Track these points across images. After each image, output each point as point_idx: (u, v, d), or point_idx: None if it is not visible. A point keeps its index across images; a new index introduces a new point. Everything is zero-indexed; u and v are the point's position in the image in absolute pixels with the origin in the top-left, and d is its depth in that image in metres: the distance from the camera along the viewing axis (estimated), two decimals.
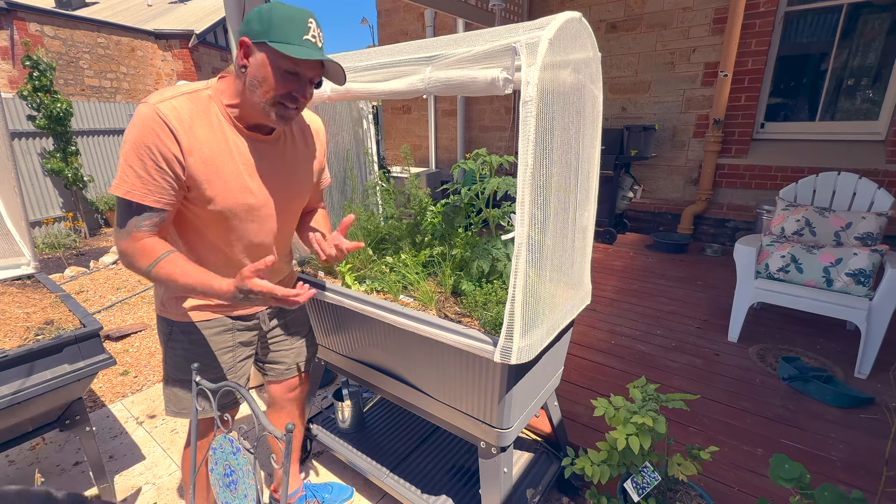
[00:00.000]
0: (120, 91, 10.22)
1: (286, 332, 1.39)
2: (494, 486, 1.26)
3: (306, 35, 0.94)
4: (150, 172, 0.94)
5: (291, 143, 1.17)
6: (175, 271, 0.97)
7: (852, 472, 1.74)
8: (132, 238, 0.96)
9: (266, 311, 1.30)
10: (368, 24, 10.88)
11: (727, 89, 4.32)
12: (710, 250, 4.45)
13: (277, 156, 1.13)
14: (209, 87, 1.03)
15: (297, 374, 1.46)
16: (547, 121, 0.96)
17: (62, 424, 1.53)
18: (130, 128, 0.94)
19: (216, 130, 1.01)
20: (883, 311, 2.25)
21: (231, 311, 1.22)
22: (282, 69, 0.95)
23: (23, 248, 1.95)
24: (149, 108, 0.94)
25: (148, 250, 0.97)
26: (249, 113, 1.03)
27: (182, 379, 1.21)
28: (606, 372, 2.46)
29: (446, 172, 6.60)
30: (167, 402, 1.24)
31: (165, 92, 0.98)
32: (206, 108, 1.00)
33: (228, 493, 1.02)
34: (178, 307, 1.16)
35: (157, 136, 0.93)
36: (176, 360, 1.20)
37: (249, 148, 1.06)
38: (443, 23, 6.17)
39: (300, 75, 0.97)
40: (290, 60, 0.94)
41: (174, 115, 0.95)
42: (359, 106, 1.86)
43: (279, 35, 0.92)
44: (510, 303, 0.98)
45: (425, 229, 1.61)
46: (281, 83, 0.96)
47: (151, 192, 0.95)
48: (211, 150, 1.00)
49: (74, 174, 5.75)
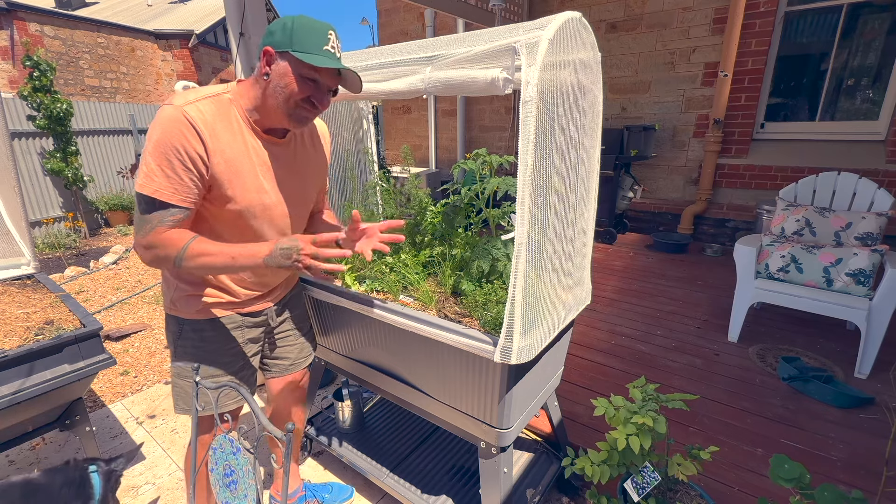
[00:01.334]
0: (120, 91, 10.22)
1: (291, 328, 1.41)
2: (494, 486, 1.26)
3: (326, 46, 1.00)
4: (178, 172, 0.98)
5: (302, 146, 1.22)
6: (208, 247, 1.01)
7: (852, 472, 1.74)
8: (156, 232, 1.00)
9: (274, 307, 1.32)
10: (368, 24, 10.89)
11: (727, 89, 4.32)
12: (710, 250, 4.45)
13: (290, 158, 1.17)
14: (229, 90, 1.08)
15: (300, 369, 1.47)
16: (547, 121, 0.96)
17: (62, 424, 1.53)
18: (155, 128, 0.98)
19: (236, 133, 1.05)
20: (883, 311, 2.25)
21: (242, 308, 1.24)
22: (303, 76, 1.01)
23: (23, 248, 1.95)
24: (175, 110, 0.97)
25: (175, 239, 1.00)
26: (268, 117, 1.07)
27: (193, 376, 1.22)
28: (606, 372, 2.46)
29: (446, 172, 6.60)
30: (177, 399, 1.26)
31: (189, 94, 1.02)
32: (227, 110, 1.05)
33: (228, 493, 1.02)
34: (189, 305, 1.18)
35: (184, 137, 0.97)
36: (187, 358, 1.22)
37: (265, 150, 1.11)
38: (443, 23, 6.17)
39: (319, 83, 1.03)
40: (311, 68, 1.00)
41: (199, 118, 0.98)
42: (359, 106, 1.86)
43: (302, 45, 0.98)
44: (510, 303, 0.98)
45: (425, 229, 1.61)
46: (301, 89, 1.01)
47: (178, 191, 0.99)
48: (232, 151, 1.04)
49: (74, 174, 5.75)
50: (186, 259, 1.00)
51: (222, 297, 1.20)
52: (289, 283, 1.38)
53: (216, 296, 1.19)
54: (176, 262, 1.01)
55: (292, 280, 1.40)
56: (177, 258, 1.00)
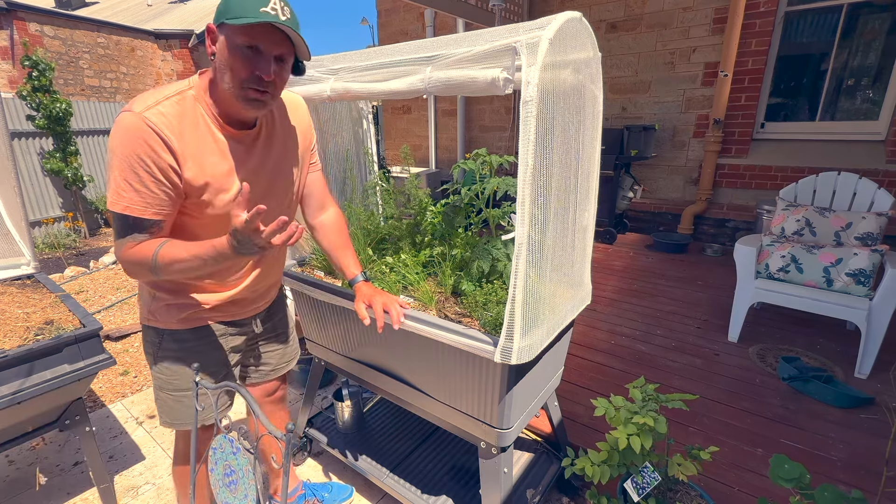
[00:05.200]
0: (120, 91, 10.22)
1: (273, 333, 1.38)
2: (494, 486, 1.26)
3: (264, 7, 0.86)
4: (147, 185, 0.91)
5: (273, 129, 1.12)
6: (176, 251, 0.93)
7: (852, 472, 1.74)
8: (127, 247, 0.95)
9: (258, 315, 1.29)
10: (368, 24, 10.88)
11: (727, 89, 4.32)
12: (710, 250, 4.45)
13: (263, 147, 1.09)
14: (192, 86, 0.98)
15: (280, 374, 1.45)
16: (547, 121, 0.95)
17: (62, 424, 1.53)
18: (116, 138, 0.89)
19: (204, 133, 0.98)
20: (883, 311, 2.25)
21: (224, 317, 1.19)
22: (239, 46, 0.89)
23: (23, 248, 1.95)
24: (136, 117, 0.89)
25: (145, 250, 0.94)
26: (226, 105, 0.98)
27: (177, 388, 1.18)
28: (606, 372, 2.46)
29: (446, 172, 6.60)
30: (160, 413, 1.21)
31: (148, 98, 0.93)
32: (191, 110, 0.96)
33: (228, 494, 1.02)
34: (170, 315, 1.12)
35: (149, 147, 0.89)
36: (169, 371, 1.16)
37: (237, 145, 1.03)
38: (443, 23, 6.17)
39: (261, 50, 0.90)
40: (244, 34, 0.87)
41: (164, 123, 0.90)
42: (359, 106, 1.86)
43: (235, 11, 0.86)
44: (510, 303, 0.98)
45: (425, 229, 1.61)
46: (242, 63, 0.90)
47: (151, 204, 0.92)
48: (203, 154, 0.97)
49: (74, 174, 5.74)
50: (160, 268, 0.93)
51: (206, 304, 1.14)
52: (273, 291, 1.34)
53: (198, 304, 1.13)
54: (153, 273, 0.95)
55: (276, 286, 1.35)
56: (152, 269, 0.94)
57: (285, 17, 0.89)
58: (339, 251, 1.30)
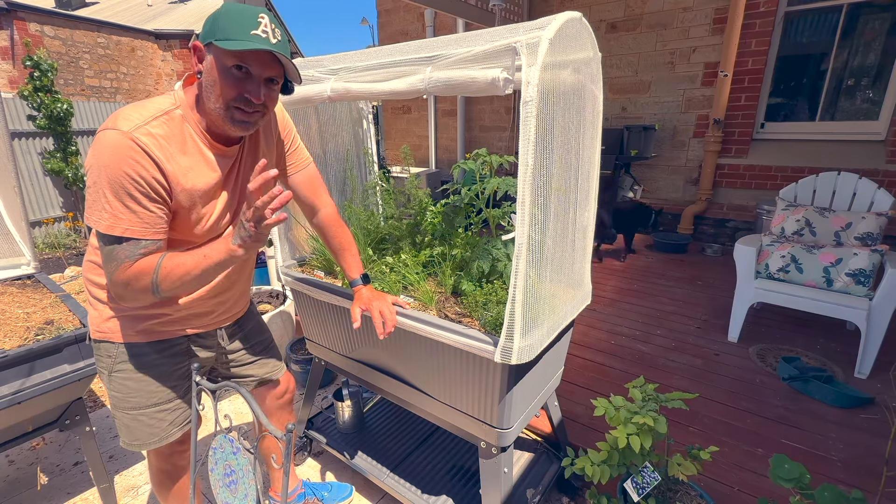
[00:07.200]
0: (120, 91, 10.22)
1: (245, 345, 1.31)
2: (495, 486, 1.26)
3: (255, 30, 0.86)
4: (144, 204, 0.88)
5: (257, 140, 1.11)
6: (181, 259, 0.90)
7: (852, 472, 1.74)
8: (123, 268, 0.90)
9: (223, 328, 1.23)
10: (368, 24, 10.90)
11: (727, 89, 4.32)
12: (710, 250, 4.45)
13: (249, 157, 1.09)
14: (178, 104, 0.95)
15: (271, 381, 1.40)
16: (547, 121, 0.96)
17: (62, 424, 1.53)
18: (102, 156, 0.85)
19: (193, 153, 0.96)
20: (883, 311, 2.25)
21: (185, 329, 1.13)
22: (228, 67, 0.88)
23: (23, 248, 1.95)
24: (123, 136, 0.85)
25: (145, 266, 0.90)
26: (213, 122, 0.96)
27: (134, 407, 1.11)
28: (606, 372, 2.46)
29: (446, 172, 6.60)
30: (120, 433, 1.15)
31: (132, 116, 0.89)
32: (179, 129, 0.94)
33: (228, 493, 1.02)
34: (126, 327, 1.06)
35: (140, 167, 0.86)
36: (125, 387, 1.10)
37: (224, 160, 1.02)
38: (443, 23, 6.17)
39: (251, 73, 0.90)
40: (234, 56, 0.87)
41: (154, 144, 0.88)
42: (359, 106, 1.86)
43: (224, 32, 0.86)
44: (510, 303, 0.98)
45: (425, 229, 1.61)
46: (231, 84, 0.89)
47: (150, 224, 0.90)
48: (194, 173, 0.96)
49: (74, 174, 5.74)
50: (162, 280, 0.90)
51: (165, 315, 1.08)
52: (241, 303, 1.27)
53: (156, 315, 1.07)
54: (154, 291, 0.91)
55: (243, 299, 1.28)
56: (153, 285, 0.90)
57: (276, 40, 0.89)
58: (338, 253, 1.31)
